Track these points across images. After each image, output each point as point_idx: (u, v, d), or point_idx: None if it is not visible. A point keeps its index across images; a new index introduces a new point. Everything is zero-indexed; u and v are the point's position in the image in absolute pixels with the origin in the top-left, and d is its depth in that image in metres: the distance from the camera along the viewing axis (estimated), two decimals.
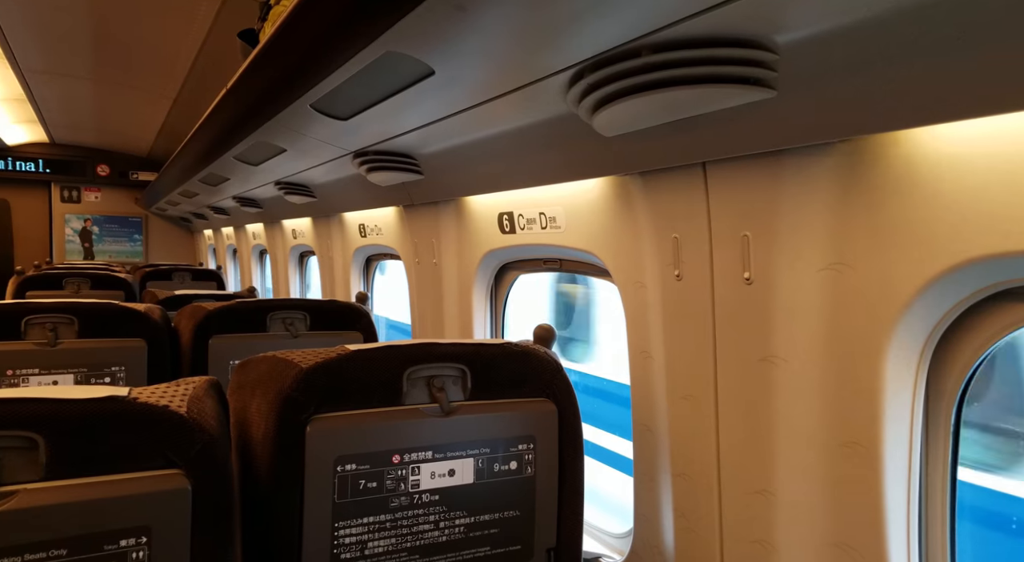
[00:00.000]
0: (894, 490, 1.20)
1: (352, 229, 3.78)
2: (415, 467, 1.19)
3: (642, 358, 1.70)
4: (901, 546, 1.20)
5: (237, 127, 2.42)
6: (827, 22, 0.97)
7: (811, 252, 1.26)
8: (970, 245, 1.03)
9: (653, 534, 1.69)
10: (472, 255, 2.53)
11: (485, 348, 1.27)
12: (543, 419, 1.30)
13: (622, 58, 1.15)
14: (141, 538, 0.89)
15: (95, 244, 8.62)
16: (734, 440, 1.44)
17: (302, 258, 5.25)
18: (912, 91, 0.97)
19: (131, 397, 0.93)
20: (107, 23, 3.70)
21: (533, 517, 1.29)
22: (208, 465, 0.94)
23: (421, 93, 1.53)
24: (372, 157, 2.27)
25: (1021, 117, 0.94)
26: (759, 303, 1.36)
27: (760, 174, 1.32)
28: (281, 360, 1.17)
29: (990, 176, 0.99)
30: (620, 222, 1.74)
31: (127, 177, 8.40)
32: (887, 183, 1.13)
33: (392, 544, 1.17)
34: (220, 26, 3.42)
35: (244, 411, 1.21)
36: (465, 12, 1.09)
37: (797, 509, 1.32)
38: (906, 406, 1.19)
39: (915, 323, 1.15)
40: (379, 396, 1.17)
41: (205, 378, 1.11)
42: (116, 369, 1.80)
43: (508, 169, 1.97)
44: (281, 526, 1.10)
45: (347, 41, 1.31)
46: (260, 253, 6.37)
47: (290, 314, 2.05)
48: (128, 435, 0.90)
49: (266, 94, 1.91)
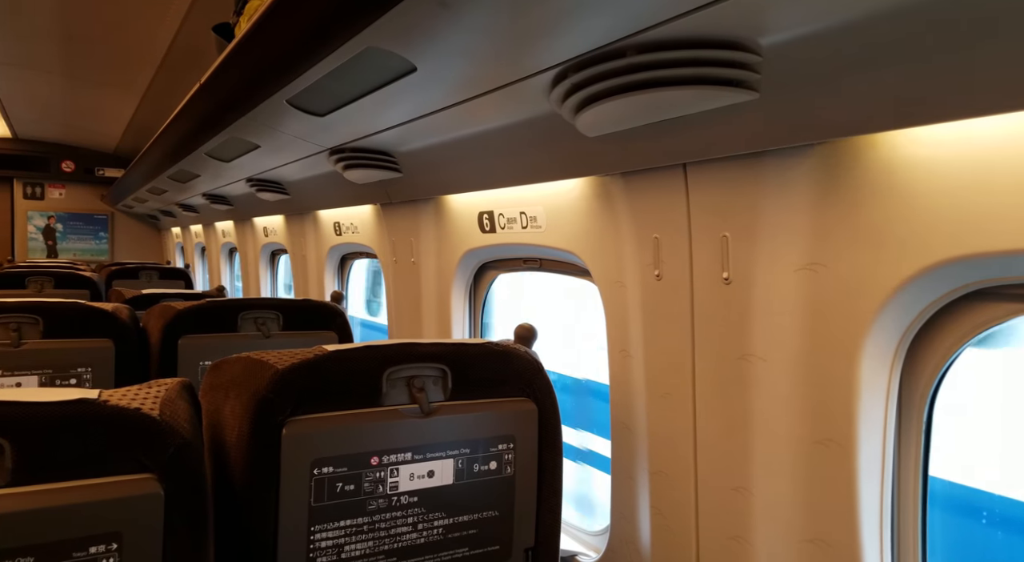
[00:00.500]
0: (868, 487, 1.21)
1: (327, 227, 3.74)
2: (394, 469, 1.17)
3: (622, 357, 1.70)
4: (874, 542, 1.22)
5: (210, 123, 2.38)
6: (810, 25, 0.99)
7: (789, 252, 1.28)
8: (944, 246, 1.05)
9: (630, 531, 1.70)
10: (451, 254, 2.52)
11: (466, 348, 1.26)
12: (523, 419, 1.29)
13: (606, 58, 1.15)
14: (112, 545, 0.86)
15: (59, 242, 8.42)
16: (712, 438, 1.46)
17: (274, 257, 5.18)
18: (890, 95, 0.99)
19: (102, 399, 0.90)
20: (75, 14, 3.62)
21: (512, 517, 1.29)
22: (181, 469, 0.92)
23: (402, 90, 1.52)
24: (349, 154, 2.24)
25: (994, 121, 0.97)
26: (737, 303, 1.37)
27: (740, 175, 1.34)
28: (256, 361, 1.15)
29: (964, 178, 1.01)
30: (601, 222, 1.74)
31: (93, 173, 8.22)
32: (864, 185, 1.15)
33: (369, 547, 1.16)
34: (193, 20, 3.36)
35: (217, 413, 1.18)
36: (448, 9, 1.08)
37: (773, 506, 1.34)
38: (880, 404, 1.21)
39: (890, 323, 1.17)
40: (358, 397, 1.16)
41: (177, 380, 1.08)
42: (82, 370, 1.75)
43: (489, 168, 1.97)
44: (256, 530, 1.08)
45: (328, 36, 1.30)
46: (230, 251, 6.28)
47: (262, 314, 2.01)
48: (98, 439, 0.87)
49: (241, 89, 1.88)
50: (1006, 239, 0.97)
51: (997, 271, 1.05)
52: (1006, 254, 0.98)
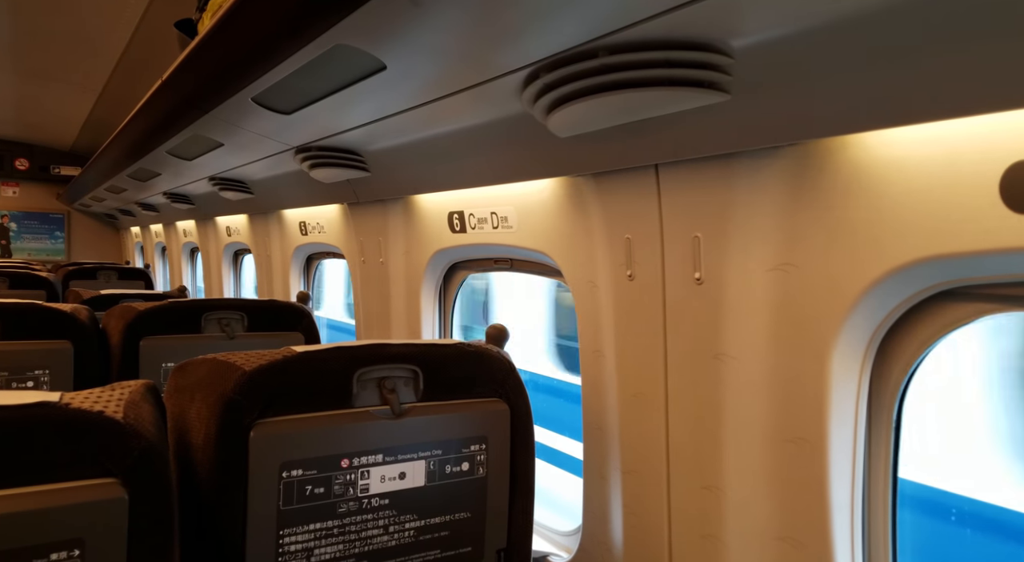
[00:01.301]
0: (839, 485, 1.23)
1: (292, 227, 3.69)
2: (365, 471, 1.16)
3: (594, 357, 1.71)
4: (845, 540, 1.24)
5: (171, 120, 2.33)
6: (781, 27, 0.99)
7: (760, 253, 1.29)
8: (914, 246, 1.06)
9: (602, 531, 1.70)
10: (421, 254, 2.50)
11: (437, 348, 1.25)
12: (495, 419, 1.29)
13: (578, 59, 1.15)
14: (74, 551, 0.84)
15: (13, 241, 8.19)
16: (684, 437, 1.46)
17: (237, 256, 5.10)
18: (862, 96, 1.00)
19: (63, 402, 0.87)
20: (30, 7, 3.51)
21: (484, 518, 1.28)
22: (146, 473, 0.89)
23: (371, 88, 1.50)
24: (316, 153, 2.21)
25: (964, 122, 0.98)
26: (709, 302, 1.38)
27: (712, 176, 1.35)
28: (222, 362, 1.13)
29: (934, 179, 1.03)
30: (572, 222, 1.74)
31: (48, 171, 8.00)
32: (835, 186, 1.17)
33: (340, 550, 1.14)
34: (153, 15, 3.29)
35: (183, 416, 1.15)
36: (419, 7, 1.07)
37: (745, 504, 1.35)
38: (851, 403, 1.23)
39: (860, 322, 1.19)
40: (327, 399, 1.14)
41: (141, 382, 1.05)
42: (40, 373, 1.70)
43: (460, 168, 1.95)
44: (223, 534, 1.06)
45: (295, 33, 1.27)
46: (191, 251, 6.16)
47: (226, 314, 1.97)
48: (60, 443, 0.84)
49: (204, 87, 1.84)
50: (975, 240, 0.99)
51: (966, 271, 1.06)
52: (975, 254, 1.00)
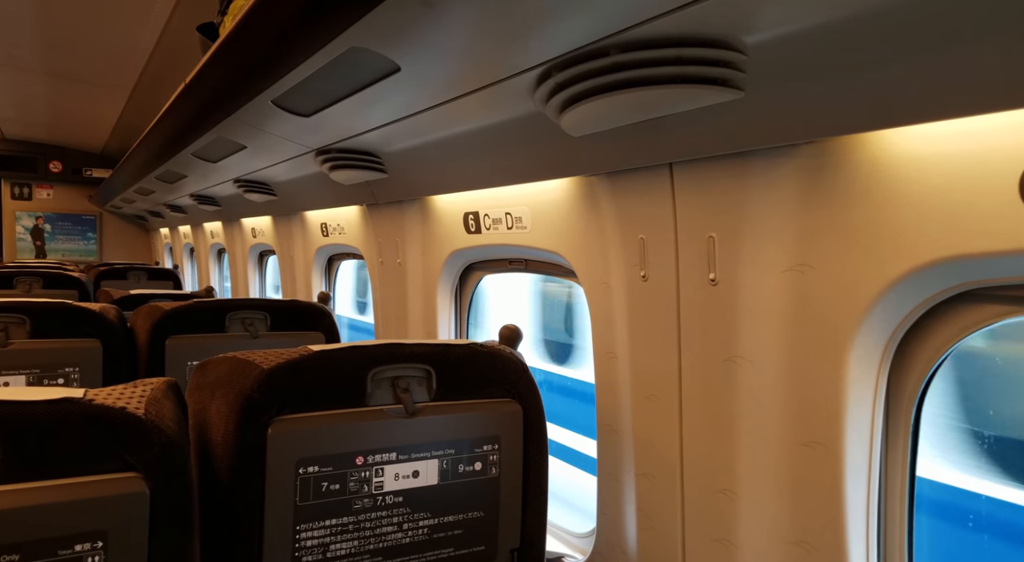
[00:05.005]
0: (854, 489, 1.21)
1: (314, 228, 3.73)
2: (379, 469, 1.17)
3: (608, 359, 1.70)
4: (860, 544, 1.22)
5: (196, 123, 2.37)
6: (795, 23, 0.98)
7: (776, 253, 1.28)
8: (934, 246, 1.04)
9: (616, 533, 1.70)
10: (437, 255, 2.51)
11: (451, 349, 1.26)
12: (508, 420, 1.29)
13: (590, 57, 1.15)
14: (97, 543, 0.86)
15: (47, 242, 8.38)
16: (697, 440, 1.45)
17: (262, 257, 5.16)
18: (879, 94, 0.98)
19: (87, 398, 0.90)
20: (60, 14, 3.59)
21: (497, 518, 1.28)
22: (167, 468, 0.92)
23: (386, 90, 1.51)
24: (335, 155, 2.24)
25: (984, 119, 0.96)
26: (724, 304, 1.37)
27: (726, 175, 1.33)
28: (242, 361, 1.15)
29: (955, 177, 1.00)
30: (586, 222, 1.74)
31: (80, 174, 8.17)
32: (852, 185, 1.15)
33: (355, 546, 1.16)
34: (177, 19, 3.34)
35: (203, 413, 1.18)
36: (431, 8, 1.07)
37: (759, 508, 1.34)
38: (867, 406, 1.21)
39: (878, 324, 1.17)
40: (343, 397, 1.15)
41: (163, 379, 1.08)
42: (70, 370, 1.75)
43: (474, 168, 1.96)
44: (241, 529, 1.08)
45: (311, 36, 1.29)
46: (218, 252, 6.25)
47: (250, 314, 2.01)
48: (84, 437, 0.87)
49: (226, 89, 1.87)
50: (996, 240, 0.96)
51: (987, 272, 1.03)
52: (997, 255, 0.97)
